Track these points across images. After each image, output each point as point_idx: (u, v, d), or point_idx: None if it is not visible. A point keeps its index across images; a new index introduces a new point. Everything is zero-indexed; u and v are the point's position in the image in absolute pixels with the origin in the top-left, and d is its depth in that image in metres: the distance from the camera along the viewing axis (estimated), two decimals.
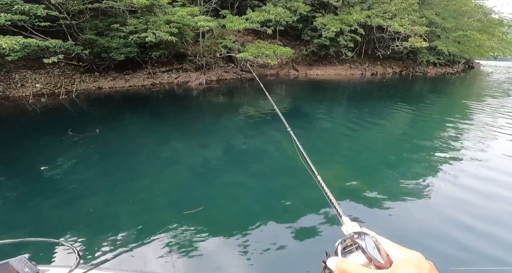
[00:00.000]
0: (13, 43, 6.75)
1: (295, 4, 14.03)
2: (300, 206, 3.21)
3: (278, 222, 2.89)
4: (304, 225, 2.82)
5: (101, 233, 2.64)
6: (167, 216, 2.94)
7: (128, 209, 3.06)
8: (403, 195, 3.47)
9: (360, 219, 2.93)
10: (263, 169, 4.19)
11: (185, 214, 2.91)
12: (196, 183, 3.67)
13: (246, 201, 3.31)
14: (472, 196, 3.47)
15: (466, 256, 2.49)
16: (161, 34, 9.21)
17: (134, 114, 7.44)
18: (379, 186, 3.69)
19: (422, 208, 3.23)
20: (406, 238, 2.71)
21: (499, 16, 22.97)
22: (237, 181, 3.79)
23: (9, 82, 9.28)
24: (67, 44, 8.63)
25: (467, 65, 28.64)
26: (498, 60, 39.87)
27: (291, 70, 16.53)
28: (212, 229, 2.72)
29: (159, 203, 3.22)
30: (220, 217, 2.99)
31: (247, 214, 3.06)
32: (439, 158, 4.70)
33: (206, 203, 3.18)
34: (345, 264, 0.44)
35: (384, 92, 12.40)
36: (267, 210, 3.13)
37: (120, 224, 2.79)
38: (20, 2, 7.67)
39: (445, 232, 2.80)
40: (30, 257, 0.84)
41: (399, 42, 16.75)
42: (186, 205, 3.13)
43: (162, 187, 3.58)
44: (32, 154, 4.52)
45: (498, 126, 6.66)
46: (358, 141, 5.70)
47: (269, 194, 3.49)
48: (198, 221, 2.85)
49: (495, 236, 2.74)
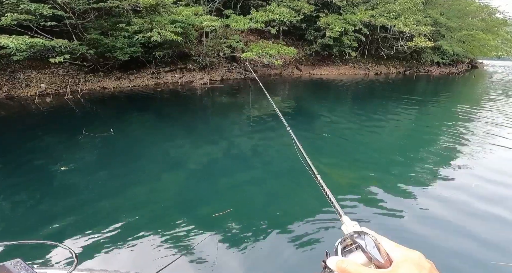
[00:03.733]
0: (19, 43, 6.75)
1: (299, 4, 13.99)
2: (300, 206, 3.19)
3: (277, 221, 2.87)
4: (304, 225, 2.80)
5: (104, 235, 2.61)
6: (171, 219, 2.91)
7: (131, 210, 3.03)
8: (405, 194, 3.43)
9: (360, 219, 2.89)
10: (266, 169, 4.18)
11: (187, 215, 2.90)
12: (202, 184, 3.64)
13: (247, 201, 3.30)
14: (476, 194, 3.43)
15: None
16: (166, 33, 9.19)
17: (141, 114, 7.43)
18: (380, 185, 3.64)
19: (424, 208, 3.18)
20: (407, 238, 2.67)
21: (503, 15, 22.83)
22: (240, 180, 3.80)
23: (14, 82, 9.29)
24: (72, 44, 8.63)
25: (471, 64, 28.51)
26: (501, 59, 39.73)
27: (295, 70, 16.48)
28: (217, 229, 2.71)
29: (168, 205, 3.20)
30: (226, 216, 2.97)
31: (247, 213, 3.05)
32: (443, 157, 4.65)
33: (214, 203, 3.16)
34: (345, 263, 0.44)
35: (388, 92, 12.33)
36: (267, 209, 3.11)
37: (120, 225, 2.76)
38: (26, 1, 7.67)
39: (447, 232, 2.76)
40: (27, 259, 0.81)
41: (403, 42, 16.68)
42: (188, 206, 3.10)
43: (173, 189, 3.56)
44: (50, 154, 4.51)
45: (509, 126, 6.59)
46: (360, 140, 5.65)
47: (269, 194, 3.48)
48: (200, 221, 2.83)
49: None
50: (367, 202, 3.25)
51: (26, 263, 0.77)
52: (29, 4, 7.65)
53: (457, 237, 2.71)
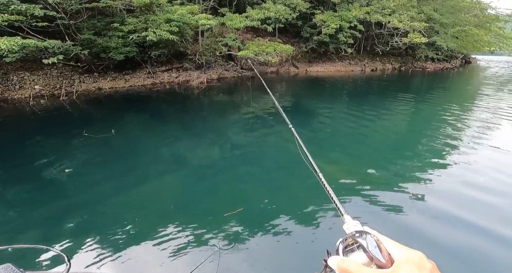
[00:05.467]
0: (11, 44, 6.59)
1: (294, 1, 13.94)
2: (301, 204, 3.17)
3: (279, 220, 2.85)
4: (305, 224, 2.79)
5: (98, 238, 2.56)
6: (170, 220, 2.86)
7: (127, 212, 2.98)
8: (407, 193, 3.41)
9: (362, 218, 2.87)
10: (267, 167, 4.16)
11: (182, 215, 2.85)
12: (200, 184, 3.60)
13: (247, 200, 3.27)
14: (479, 191, 3.43)
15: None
16: (161, 33, 9.07)
17: (140, 115, 7.34)
18: (382, 183, 3.63)
19: (426, 206, 3.16)
20: (409, 237, 2.66)
21: (495, 11, 23.08)
22: (242, 180, 3.77)
23: (7, 84, 9.10)
24: (66, 45, 8.47)
25: (464, 60, 28.79)
26: (493, 54, 40.24)
27: (291, 68, 16.46)
28: (218, 228, 2.68)
29: (166, 206, 3.15)
30: (226, 216, 2.94)
31: (248, 213, 3.02)
32: (444, 154, 4.67)
33: (211, 203, 3.12)
34: (346, 263, 0.44)
35: (384, 88, 12.38)
36: (268, 209, 3.08)
37: (128, 228, 2.71)
38: (17, 2, 7.50)
39: (450, 232, 2.76)
40: (18, 263, 0.78)
41: (398, 38, 16.75)
42: (185, 206, 3.05)
43: (177, 189, 3.51)
44: (52, 156, 4.42)
45: (506, 119, 6.65)
46: (360, 137, 5.65)
47: (271, 192, 3.46)
48: (202, 221, 2.80)
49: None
50: (368, 200, 3.23)
51: (18, 268, 0.73)
52: (20, 4, 7.48)
53: (460, 237, 2.68)
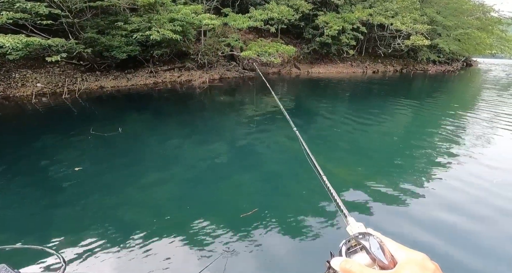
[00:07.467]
0: (16, 42, 6.60)
1: (298, 2, 13.95)
2: (305, 206, 3.17)
3: (282, 221, 2.85)
4: (309, 225, 2.80)
5: (96, 239, 2.56)
6: (169, 222, 2.87)
7: (125, 214, 2.99)
8: (410, 194, 3.42)
9: (365, 220, 2.86)
10: (270, 168, 4.17)
11: (183, 215, 2.86)
12: (201, 185, 3.60)
13: (248, 200, 3.28)
14: (483, 192, 3.44)
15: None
16: (165, 32, 9.08)
17: (144, 114, 7.34)
18: (386, 185, 3.63)
19: (429, 208, 3.17)
20: (412, 239, 2.66)
21: (498, 14, 23.07)
22: (244, 180, 3.79)
23: (9, 81, 9.10)
24: (69, 43, 8.47)
25: (466, 63, 28.82)
26: (494, 57, 40.26)
27: (293, 69, 16.47)
28: (222, 230, 2.68)
29: (169, 206, 3.16)
30: (227, 216, 2.95)
31: (254, 214, 3.01)
32: (447, 155, 4.67)
33: (211, 204, 3.12)
34: (349, 264, 0.44)
35: (386, 91, 12.38)
36: (270, 209, 3.09)
37: (139, 230, 2.72)
38: (22, 0, 7.50)
39: (453, 232, 2.76)
40: (13, 264, 0.78)
41: (401, 40, 16.76)
42: (185, 208, 3.06)
43: (181, 189, 3.51)
44: (60, 154, 4.42)
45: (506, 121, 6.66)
46: (362, 139, 5.65)
47: (273, 193, 3.47)
48: (203, 221, 2.80)
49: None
50: (373, 202, 3.23)
51: (12, 269, 0.73)
52: (25, 2, 7.48)
53: (463, 238, 2.68)
